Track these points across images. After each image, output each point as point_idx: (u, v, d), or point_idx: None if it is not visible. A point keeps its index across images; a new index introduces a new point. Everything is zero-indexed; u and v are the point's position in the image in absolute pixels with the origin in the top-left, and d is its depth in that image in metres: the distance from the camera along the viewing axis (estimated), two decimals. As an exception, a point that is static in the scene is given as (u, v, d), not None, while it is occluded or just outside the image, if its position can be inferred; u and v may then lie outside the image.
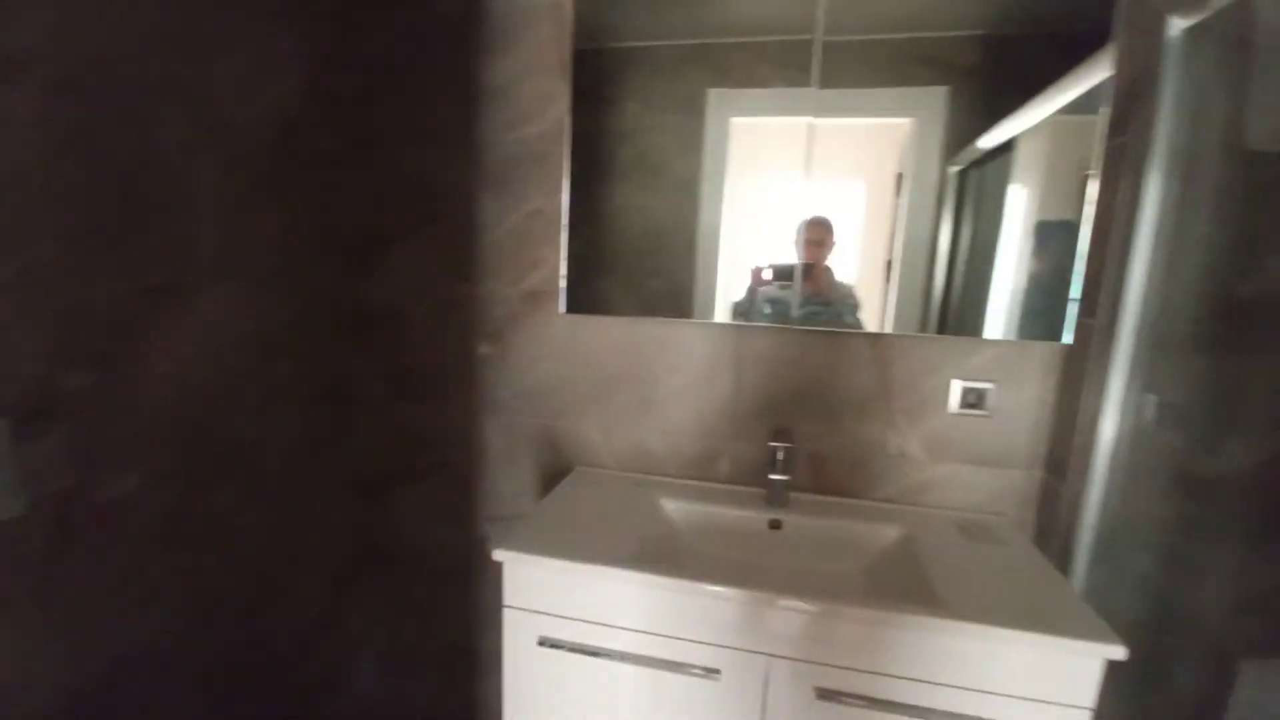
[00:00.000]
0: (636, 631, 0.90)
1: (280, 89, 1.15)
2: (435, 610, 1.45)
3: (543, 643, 0.92)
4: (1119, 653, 0.76)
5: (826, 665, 0.85)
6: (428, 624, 1.46)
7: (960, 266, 1.13)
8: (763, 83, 1.15)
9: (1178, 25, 0.87)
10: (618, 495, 1.17)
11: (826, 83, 1.11)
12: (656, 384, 1.26)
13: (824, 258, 1.15)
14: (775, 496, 1.13)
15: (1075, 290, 1.05)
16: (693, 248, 1.21)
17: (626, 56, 1.19)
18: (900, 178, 1.13)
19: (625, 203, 1.22)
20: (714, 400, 1.24)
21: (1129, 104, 0.96)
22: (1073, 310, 1.05)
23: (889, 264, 1.15)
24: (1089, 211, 1.03)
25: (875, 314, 1.15)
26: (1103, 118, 1.01)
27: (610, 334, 1.26)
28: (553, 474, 1.32)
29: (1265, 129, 0.90)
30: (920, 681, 0.82)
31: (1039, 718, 0.80)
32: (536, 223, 1.26)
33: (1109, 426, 0.97)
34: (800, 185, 1.14)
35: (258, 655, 1.21)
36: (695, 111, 1.17)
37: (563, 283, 1.24)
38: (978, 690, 0.81)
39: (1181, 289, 0.93)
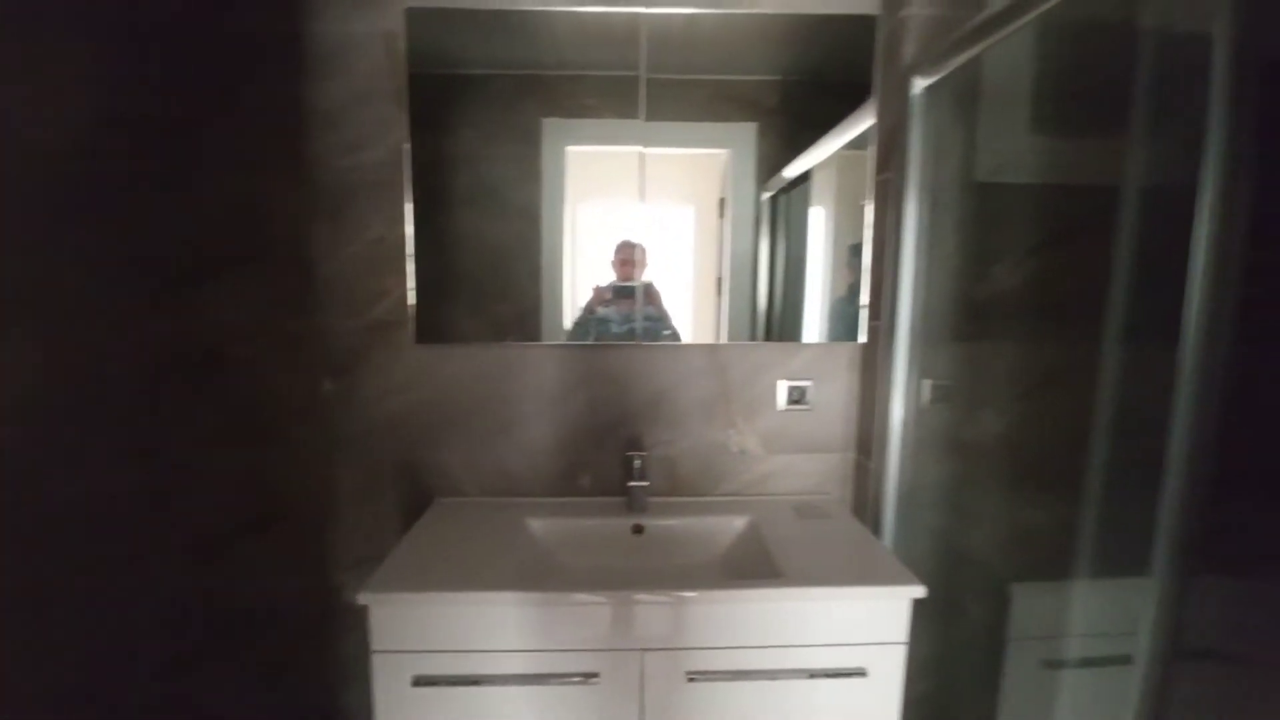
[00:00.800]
0: (515, 652, 0.92)
1: (77, 113, 1.02)
2: (292, 670, 1.33)
3: (418, 682, 0.90)
4: (920, 591, 0.93)
5: (693, 649, 0.93)
6: (283, 688, 1.33)
7: (779, 280, 1.30)
8: (593, 114, 1.23)
9: (920, 84, 1.09)
10: (482, 521, 1.17)
11: (653, 115, 1.22)
12: (513, 407, 1.28)
13: (637, 275, 1.26)
14: (635, 503, 1.20)
15: (865, 298, 1.26)
16: (538, 273, 1.25)
17: (463, 84, 1.22)
18: (723, 203, 1.28)
19: (470, 230, 1.24)
20: (570, 418, 1.28)
21: (889, 147, 1.19)
22: (864, 315, 1.26)
23: (719, 280, 1.29)
24: (868, 234, 1.24)
25: (711, 326, 1.28)
26: (871, 155, 1.24)
27: (463, 361, 1.26)
28: (413, 508, 1.28)
29: (987, 165, 1.16)
30: (773, 647, 0.93)
31: (867, 656, 0.94)
32: (379, 252, 1.23)
33: (897, 408, 1.18)
34: (635, 210, 1.24)
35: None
36: (532, 140, 1.23)
37: (412, 312, 1.22)
38: (819, 644, 0.93)
39: (938, 294, 1.16)
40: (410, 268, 1.21)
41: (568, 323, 1.26)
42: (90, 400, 1.08)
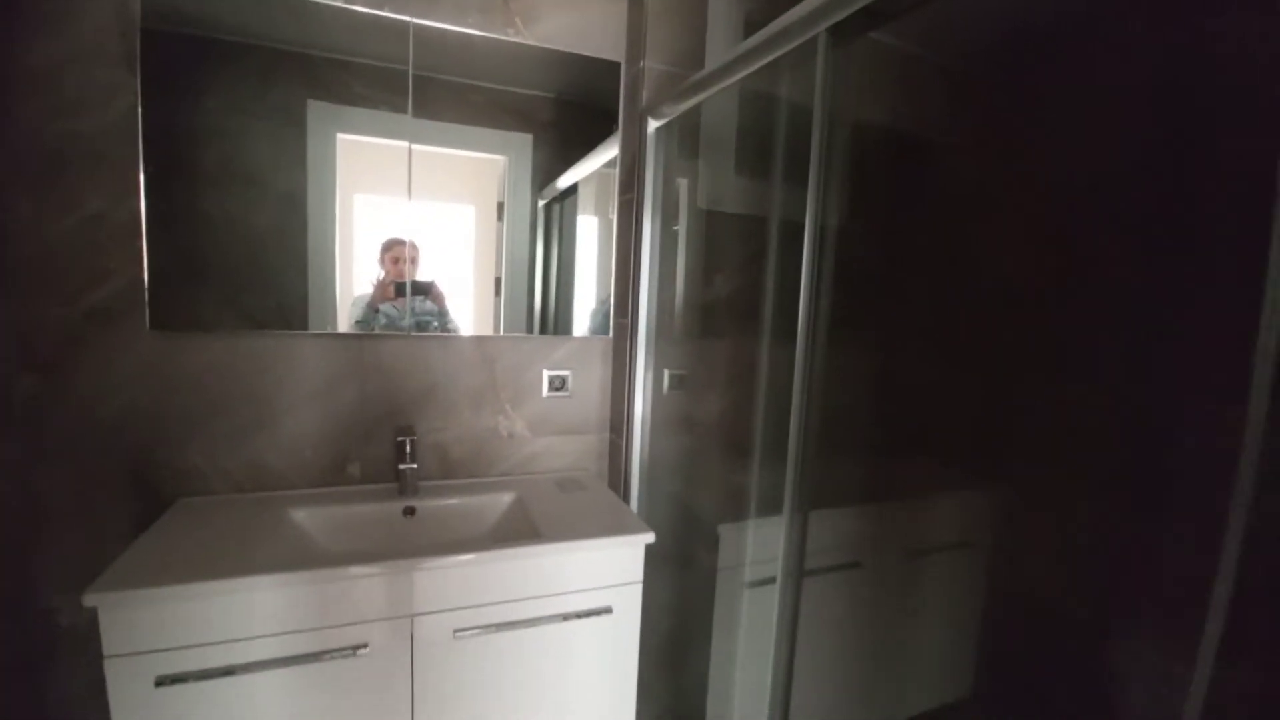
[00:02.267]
0: (274, 636, 0.93)
1: None
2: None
3: (161, 682, 0.87)
4: (650, 537, 1.15)
5: (460, 609, 1.03)
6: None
7: (553, 281, 1.45)
8: (364, 103, 1.24)
9: (654, 124, 1.33)
10: (235, 516, 1.13)
11: (421, 113, 1.27)
12: (270, 400, 1.24)
13: (410, 273, 1.31)
14: (406, 486, 1.26)
15: (613, 299, 1.47)
16: (304, 265, 1.23)
17: (214, 50, 1.14)
18: (501, 206, 1.39)
19: (221, 213, 1.17)
20: (339, 409, 1.29)
21: (630, 172, 1.41)
22: (613, 313, 1.47)
23: (498, 280, 1.39)
24: (614, 244, 1.46)
25: (490, 324, 1.38)
26: (616, 178, 1.45)
27: (210, 352, 1.19)
28: (148, 516, 1.16)
29: (705, 194, 1.44)
30: (532, 598, 1.07)
31: (612, 597, 1.13)
32: (98, 230, 1.10)
33: (641, 394, 1.41)
34: (404, 207, 1.28)
35: None
36: (296, 121, 1.20)
37: (146, 297, 1.12)
38: (572, 591, 1.10)
39: (670, 297, 1.41)
40: (145, 248, 1.11)
41: (340, 314, 1.26)
42: None
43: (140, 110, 1.10)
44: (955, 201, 1.37)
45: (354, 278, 1.27)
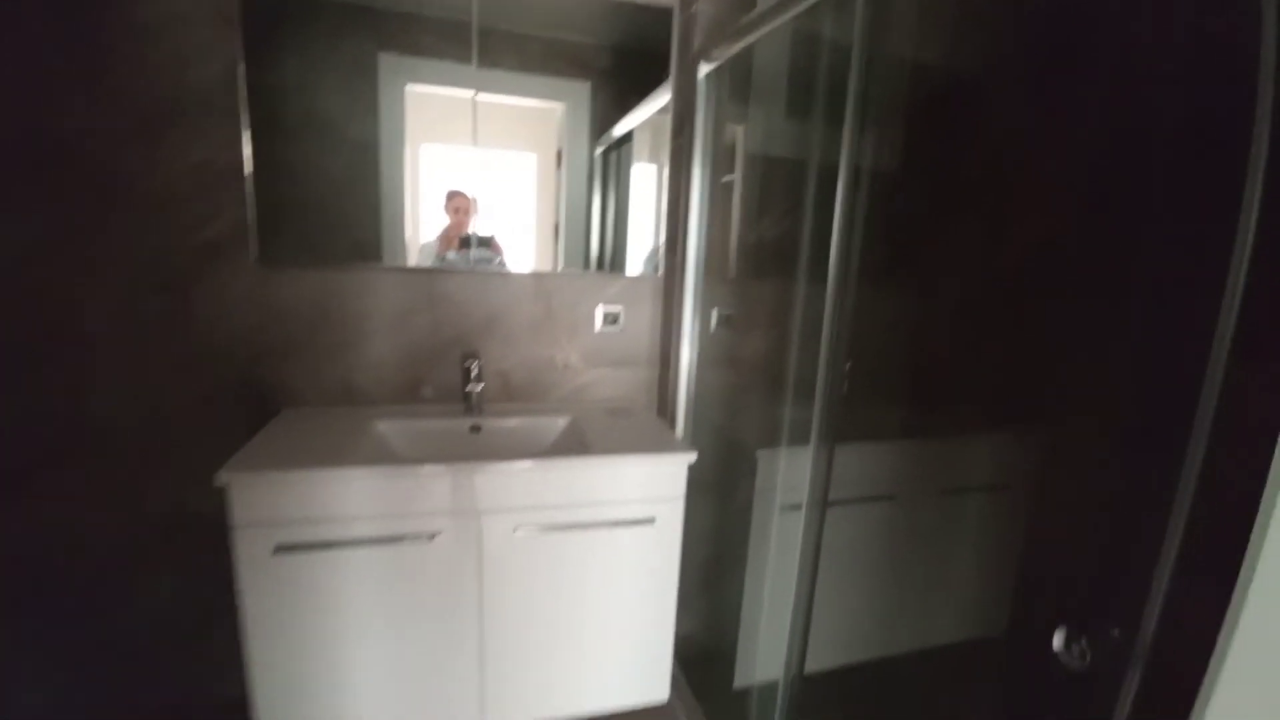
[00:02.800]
0: (367, 520, 1.09)
1: None
2: (138, 595, 1.35)
3: (279, 549, 1.04)
4: (691, 457, 1.25)
5: (520, 509, 1.17)
6: (119, 614, 1.35)
7: (608, 226, 1.53)
8: (430, 53, 1.31)
9: (705, 68, 1.37)
10: (330, 423, 1.29)
11: (485, 63, 1.34)
12: (355, 326, 1.39)
13: (469, 223, 1.42)
14: (472, 407, 1.40)
15: (663, 239, 1.55)
16: (378, 209, 1.35)
17: (295, 9, 1.24)
18: (560, 154, 1.46)
19: (304, 160, 1.29)
20: (412, 335, 1.43)
21: (682, 117, 1.46)
22: (662, 253, 1.55)
23: (556, 226, 1.49)
24: (664, 187, 1.52)
25: (549, 261, 1.48)
26: (669, 124, 1.50)
27: (304, 284, 1.34)
28: (256, 422, 1.34)
29: (754, 139, 1.48)
30: (583, 504, 1.20)
31: (655, 510, 1.25)
32: (207, 174, 1.25)
33: (688, 331, 1.49)
34: (470, 155, 1.38)
35: None
36: (368, 74, 1.29)
37: (253, 234, 1.27)
38: (620, 501, 1.22)
39: (719, 238, 1.48)
40: (249, 190, 1.26)
41: (410, 255, 1.39)
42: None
43: (243, 66, 1.22)
44: (999, 144, 1.36)
45: (421, 223, 1.38)
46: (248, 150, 1.25)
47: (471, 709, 1.22)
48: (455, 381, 1.47)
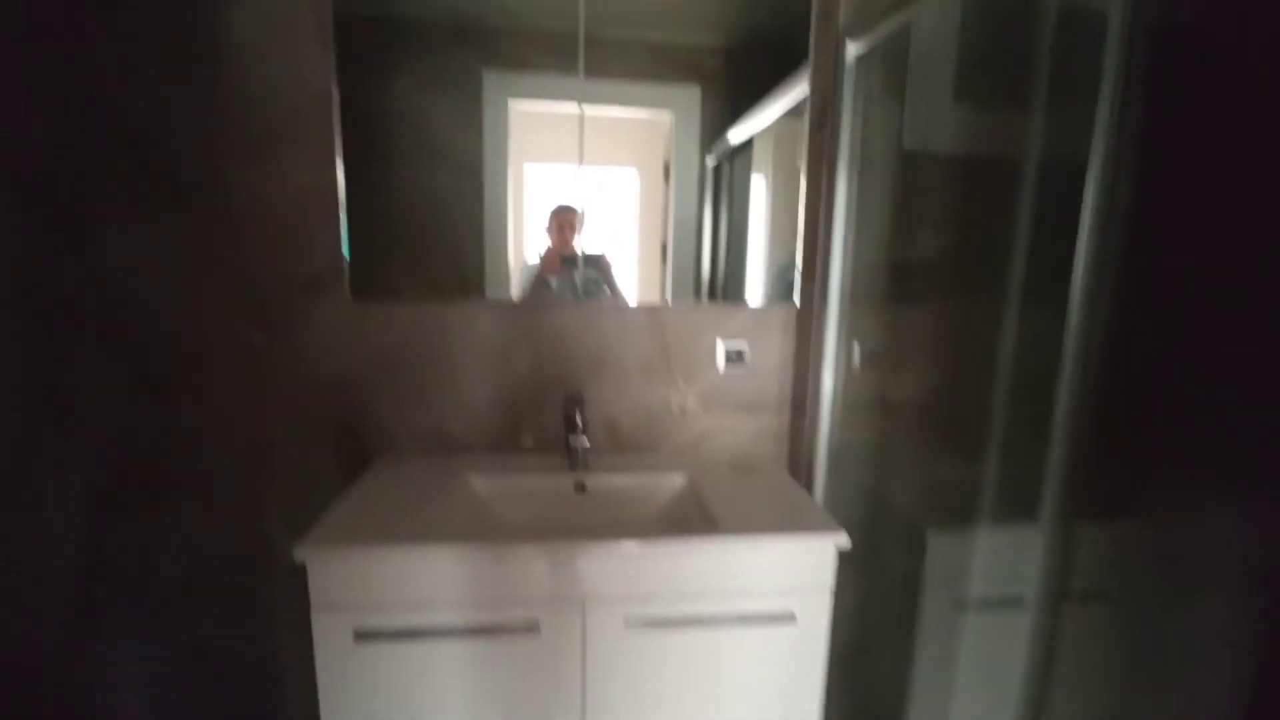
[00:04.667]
0: (455, 606, 0.92)
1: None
2: (224, 636, 1.29)
3: (360, 637, 0.90)
4: (844, 540, 0.99)
5: (632, 598, 0.96)
6: (216, 652, 1.30)
7: (721, 246, 1.32)
8: (534, 68, 1.21)
9: (854, 51, 1.12)
10: (424, 479, 1.16)
11: (591, 73, 1.21)
12: (453, 365, 1.26)
13: (574, 241, 1.26)
14: (577, 461, 1.22)
15: (798, 261, 1.30)
16: (480, 232, 1.24)
17: (396, 28, 1.17)
18: (667, 167, 1.28)
19: (406, 184, 1.20)
20: (512, 376, 1.28)
21: (823, 112, 1.21)
22: (797, 278, 1.30)
23: (664, 246, 1.30)
24: (801, 196, 1.28)
25: (657, 288, 1.30)
26: (806, 123, 1.26)
27: (402, 319, 1.24)
28: (350, 467, 1.25)
29: (914, 133, 1.20)
30: (707, 594, 0.97)
31: (796, 603, 1.00)
32: (309, 202, 1.17)
33: (829, 370, 1.23)
34: (575, 171, 1.23)
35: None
36: (472, 92, 1.20)
37: (346, 268, 1.18)
38: (751, 592, 0.98)
39: (867, 259, 1.21)
40: (343, 219, 1.17)
41: (513, 283, 1.26)
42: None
43: (336, 89, 1.14)
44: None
45: (525, 246, 1.26)
46: (343, 177, 1.16)
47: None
48: (557, 427, 1.30)
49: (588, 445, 1.22)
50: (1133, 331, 0.77)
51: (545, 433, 1.30)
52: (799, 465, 1.32)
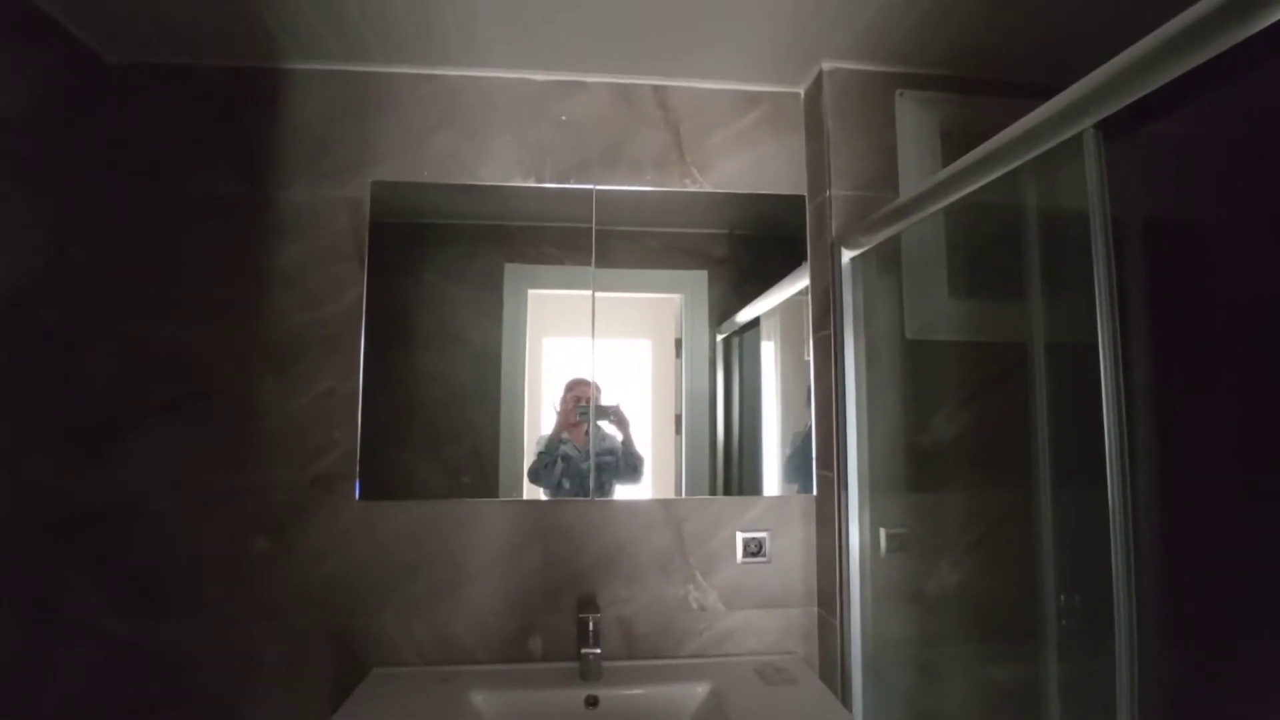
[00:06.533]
0: None
1: (11, 258, 1.02)
2: None
3: None
4: (890, 777, 0.87)
5: None
6: None
7: (735, 418, 1.33)
8: (551, 260, 1.31)
9: (847, 254, 1.20)
10: (421, 697, 1.06)
11: (603, 263, 1.30)
12: (460, 565, 1.21)
13: (592, 408, 1.28)
14: (589, 671, 1.12)
15: (813, 450, 1.28)
16: (496, 412, 1.26)
17: (426, 232, 1.28)
18: (679, 342, 1.33)
19: (428, 371, 1.25)
20: (521, 576, 1.22)
21: (824, 307, 1.27)
22: (815, 465, 1.28)
23: (678, 417, 1.31)
24: (812, 387, 1.29)
25: (670, 467, 1.28)
26: (807, 313, 1.31)
27: (410, 517, 1.21)
28: (345, 682, 1.15)
29: (914, 324, 1.24)
30: None
31: None
32: (328, 403, 1.21)
33: (854, 559, 1.16)
34: (588, 347, 1.29)
35: None
36: (493, 284, 1.28)
37: (358, 467, 1.18)
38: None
39: (884, 444, 1.19)
40: (359, 419, 1.20)
41: (528, 461, 1.26)
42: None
43: (364, 297, 1.22)
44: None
45: (540, 419, 1.28)
46: (362, 379, 1.21)
47: None
48: (569, 628, 1.21)
49: (599, 651, 1.13)
50: (1180, 503, 0.73)
51: (556, 634, 1.22)
52: (831, 668, 1.20)
